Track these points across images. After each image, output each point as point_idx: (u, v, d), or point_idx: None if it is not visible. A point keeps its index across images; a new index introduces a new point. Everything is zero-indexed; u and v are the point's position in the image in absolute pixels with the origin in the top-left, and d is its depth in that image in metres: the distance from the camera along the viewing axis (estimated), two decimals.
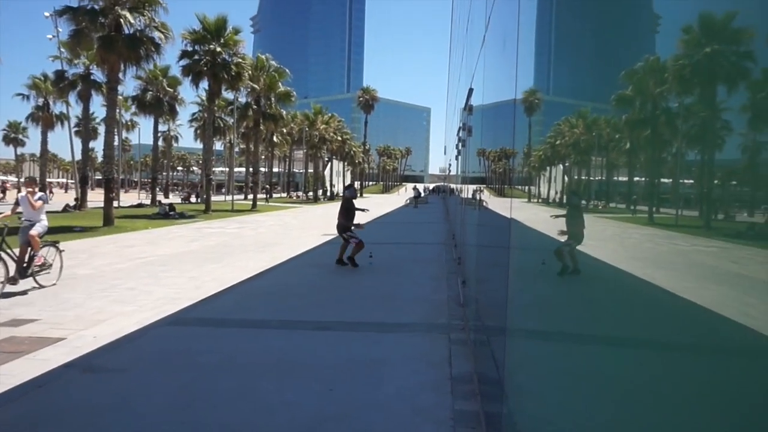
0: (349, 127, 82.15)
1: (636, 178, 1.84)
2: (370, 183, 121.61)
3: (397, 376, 4.81)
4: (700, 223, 1.34)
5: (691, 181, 1.46)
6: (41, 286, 8.83)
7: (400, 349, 5.63)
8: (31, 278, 8.74)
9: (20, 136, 60.53)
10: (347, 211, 11.33)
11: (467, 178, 11.30)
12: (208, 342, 5.91)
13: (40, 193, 9.22)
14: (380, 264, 11.46)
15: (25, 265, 8.65)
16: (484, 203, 7.02)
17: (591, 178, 2.27)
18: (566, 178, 2.68)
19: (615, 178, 2.02)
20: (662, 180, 1.63)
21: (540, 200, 3.41)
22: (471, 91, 8.19)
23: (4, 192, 46.81)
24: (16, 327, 6.55)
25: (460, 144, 12.44)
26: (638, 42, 1.69)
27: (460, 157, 14.24)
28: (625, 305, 1.84)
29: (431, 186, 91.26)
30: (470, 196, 9.96)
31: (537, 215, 3.38)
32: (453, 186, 26.04)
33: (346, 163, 78.90)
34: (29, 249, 8.71)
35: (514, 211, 3.60)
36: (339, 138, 65.47)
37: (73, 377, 4.87)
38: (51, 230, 18.74)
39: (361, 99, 74.97)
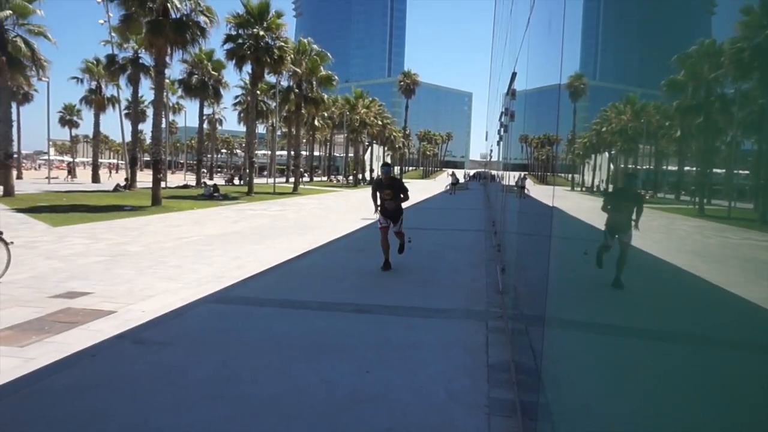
0: (390, 112, 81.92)
1: (686, 168, 1.78)
2: (410, 168, 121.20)
3: (433, 361, 4.84)
4: (754, 216, 1.29)
5: (746, 172, 1.41)
6: None
7: (437, 334, 5.66)
8: None
9: (75, 118, 63.01)
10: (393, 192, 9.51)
11: (509, 165, 11.11)
12: (249, 320, 6.09)
13: None
14: (419, 249, 11.46)
15: None
16: (526, 190, 6.91)
17: (638, 167, 2.20)
18: (612, 167, 2.61)
19: (663, 167, 1.95)
20: (714, 170, 1.57)
21: (584, 189, 3.33)
22: (514, 75, 8.03)
23: (70, 172, 48.74)
24: (72, 299, 6.90)
25: (501, 129, 12.24)
26: (692, 24, 1.62)
27: (501, 143, 14.01)
28: (669, 298, 1.79)
29: (471, 172, 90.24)
30: (511, 182, 9.81)
31: (580, 204, 3.31)
32: (494, 172, 25.69)
33: (386, 148, 78.86)
34: None
35: (556, 200, 3.54)
36: (379, 122, 65.40)
37: (123, 348, 5.12)
38: (104, 209, 19.63)
39: (402, 83, 74.53)
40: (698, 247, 1.62)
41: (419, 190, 47.62)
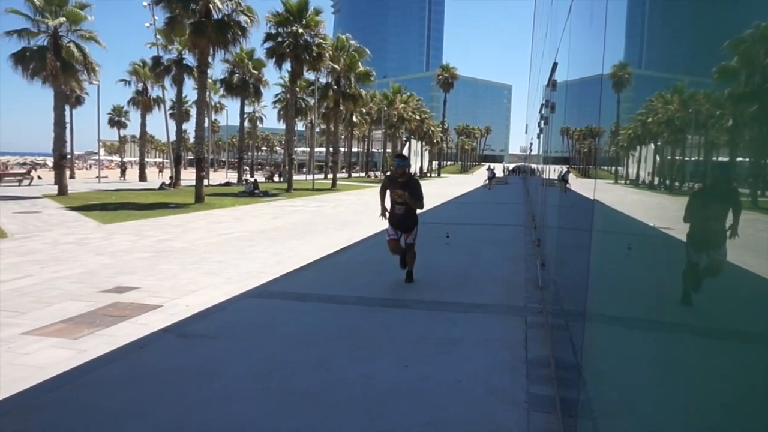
0: (428, 106, 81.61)
1: (739, 159, 1.69)
2: (449, 163, 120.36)
3: (472, 356, 4.80)
4: None
5: None
6: None
7: (475, 329, 5.61)
8: None
9: (123, 119, 65.42)
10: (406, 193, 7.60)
11: (549, 158, 10.89)
12: (289, 315, 6.18)
13: None
14: (457, 244, 11.39)
15: None
16: (568, 184, 6.76)
17: (686, 158, 2.11)
18: (658, 158, 2.52)
19: (714, 158, 1.86)
20: None
21: (627, 182, 3.22)
22: (555, 65, 7.85)
23: (124, 172, 50.52)
24: (120, 294, 7.18)
25: (542, 122, 12.00)
26: (746, 7, 1.54)
27: (541, 135, 13.74)
28: (718, 294, 1.72)
29: (511, 166, 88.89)
30: (552, 176, 9.61)
31: (624, 198, 3.21)
32: (533, 166, 25.25)
33: (424, 143, 78.59)
34: None
35: (598, 193, 3.45)
36: (417, 117, 65.19)
37: (169, 341, 5.29)
38: (150, 207, 20.30)
39: (440, 77, 74.06)
40: (750, 241, 1.54)
41: (458, 184, 47.32)
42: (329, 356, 4.82)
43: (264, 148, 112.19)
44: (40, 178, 38.81)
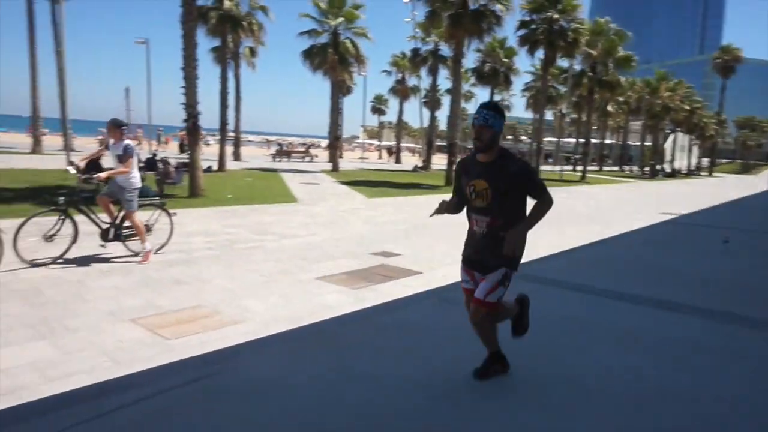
0: (700, 95, 70.79)
1: None
2: (724, 161, 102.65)
3: (758, 378, 4.15)
4: None
5: None
6: (135, 254, 7.18)
7: (758, 343, 4.82)
8: (119, 243, 7.12)
9: (383, 107, 72.42)
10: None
11: None
12: (539, 299, 6.16)
13: (126, 142, 6.94)
14: (738, 251, 9.82)
15: (108, 227, 7.02)
16: None
17: None
18: None
19: None
20: None
21: None
22: None
23: (391, 154, 56.28)
24: (386, 258, 8.10)
25: None
26: None
27: None
28: None
29: None
30: None
31: None
32: None
33: (693, 136, 68.49)
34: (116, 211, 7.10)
35: None
36: (686, 107, 57.17)
37: (431, 303, 5.83)
38: (405, 186, 22.19)
39: (717, 61, 63.57)
40: None
41: (736, 185, 40.35)
42: (587, 343, 4.72)
43: (509, 137, 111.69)
44: (316, 156, 45.64)
